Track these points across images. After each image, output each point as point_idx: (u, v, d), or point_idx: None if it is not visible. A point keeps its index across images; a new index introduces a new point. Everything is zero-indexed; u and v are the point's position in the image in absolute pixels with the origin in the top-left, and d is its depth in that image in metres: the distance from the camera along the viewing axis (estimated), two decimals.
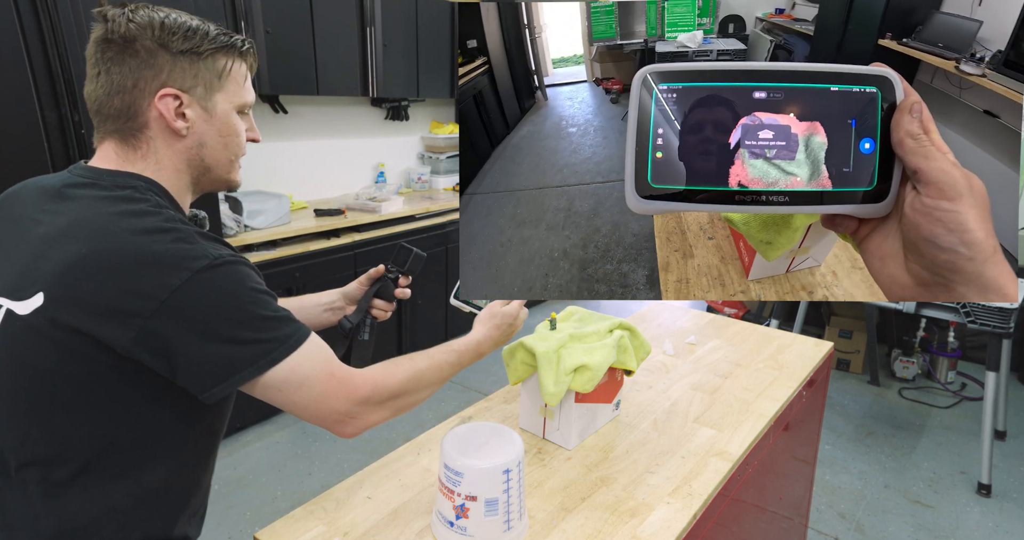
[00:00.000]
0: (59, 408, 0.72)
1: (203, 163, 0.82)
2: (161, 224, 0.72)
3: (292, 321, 0.78)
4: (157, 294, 0.68)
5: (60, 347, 0.70)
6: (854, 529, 2.22)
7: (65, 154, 1.95)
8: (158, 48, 0.75)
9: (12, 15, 1.77)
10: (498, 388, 1.35)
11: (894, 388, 3.35)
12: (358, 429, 0.81)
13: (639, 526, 0.90)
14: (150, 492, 0.79)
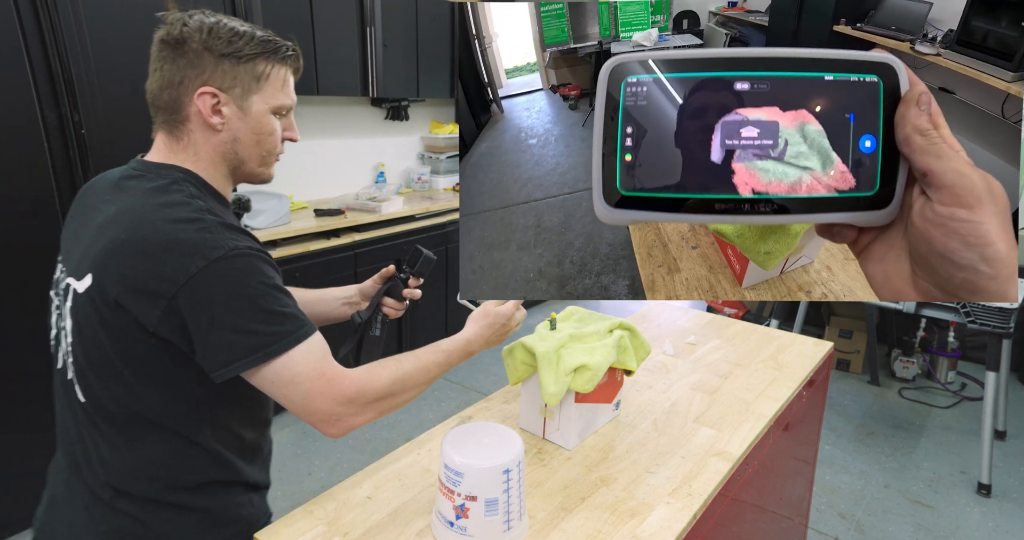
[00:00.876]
0: (114, 372, 0.81)
1: (237, 157, 0.89)
2: (189, 214, 0.79)
3: (296, 318, 0.81)
4: (177, 278, 0.75)
5: (105, 320, 0.79)
6: (854, 529, 2.22)
7: (65, 154, 1.95)
8: (204, 50, 0.82)
9: (12, 15, 1.77)
10: (498, 388, 1.35)
11: (894, 388, 3.35)
12: (342, 430, 0.84)
13: (639, 526, 0.90)
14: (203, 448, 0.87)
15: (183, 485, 0.88)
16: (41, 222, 1.92)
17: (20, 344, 1.93)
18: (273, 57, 0.86)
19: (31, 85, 1.84)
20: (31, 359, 1.97)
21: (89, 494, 0.87)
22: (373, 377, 0.86)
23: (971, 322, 2.42)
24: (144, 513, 0.87)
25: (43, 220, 1.92)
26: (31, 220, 1.90)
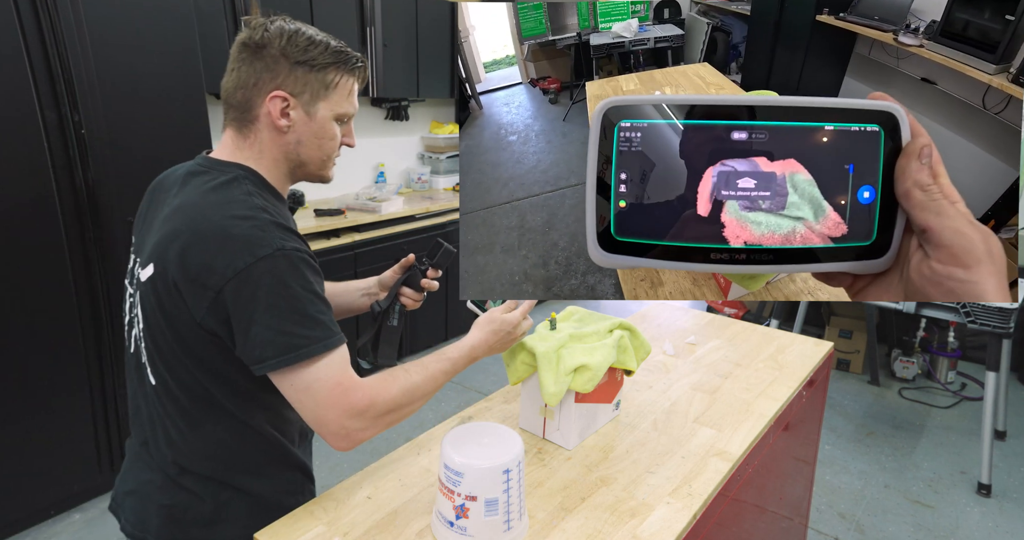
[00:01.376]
0: (175, 358, 0.87)
1: (298, 158, 0.93)
2: (244, 211, 0.83)
3: (327, 327, 0.83)
4: (226, 273, 0.79)
5: (164, 308, 0.84)
6: (854, 529, 2.22)
7: (65, 154, 1.95)
8: (281, 56, 0.87)
9: (12, 15, 1.77)
10: (498, 388, 1.35)
11: (894, 388, 3.35)
12: (351, 444, 0.85)
13: (639, 526, 0.90)
14: (257, 431, 0.93)
15: (241, 467, 0.94)
16: (41, 222, 1.92)
17: (20, 344, 1.93)
18: (343, 67, 0.91)
19: (31, 85, 1.84)
20: (31, 359, 1.97)
21: (156, 469, 0.93)
22: (384, 389, 0.86)
23: (971, 322, 2.42)
24: (204, 491, 0.93)
25: (43, 220, 1.92)
26: (31, 220, 1.90)
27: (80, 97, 1.94)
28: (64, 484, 2.14)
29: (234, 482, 0.94)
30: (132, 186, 2.12)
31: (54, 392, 2.04)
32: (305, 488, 1.04)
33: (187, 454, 0.92)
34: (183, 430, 0.91)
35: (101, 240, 2.06)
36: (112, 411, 2.21)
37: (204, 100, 2.28)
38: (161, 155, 2.18)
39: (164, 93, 2.15)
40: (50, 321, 1.99)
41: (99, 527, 2.14)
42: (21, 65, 1.81)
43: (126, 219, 2.12)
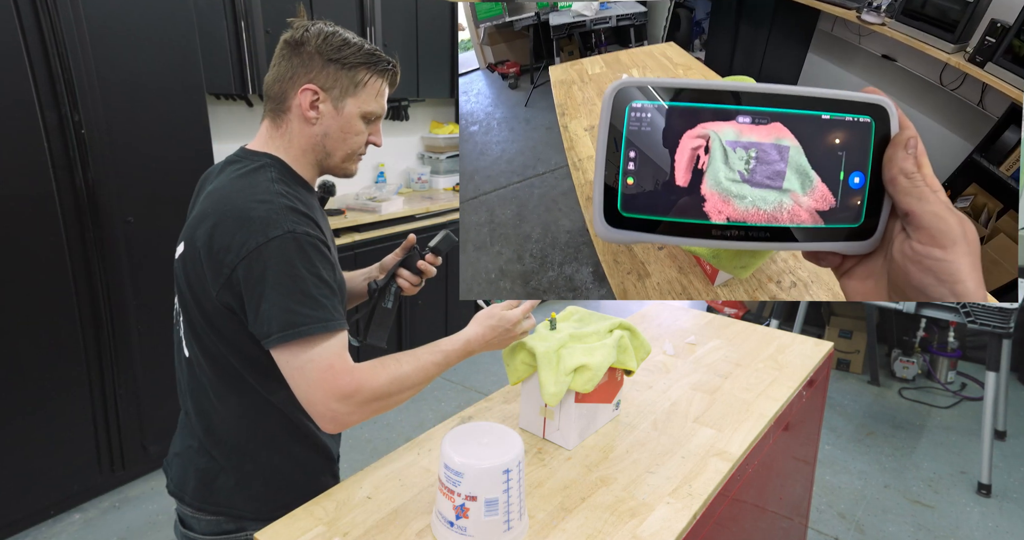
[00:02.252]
0: (203, 332, 0.93)
1: (324, 149, 0.98)
2: (264, 196, 0.88)
3: (328, 310, 0.87)
4: (240, 251, 0.84)
5: (192, 284, 0.90)
6: (854, 529, 2.22)
7: (65, 154, 1.95)
8: (316, 53, 0.93)
9: (12, 15, 1.77)
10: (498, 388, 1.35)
11: (894, 388, 3.35)
12: (337, 426, 0.88)
13: (639, 526, 0.90)
14: (277, 408, 0.97)
15: (261, 441, 0.99)
16: (41, 222, 1.92)
17: (20, 344, 1.93)
18: (373, 68, 0.97)
19: (31, 85, 1.84)
20: (31, 359, 1.97)
21: (192, 437, 1.02)
22: (372, 376, 0.88)
23: (971, 322, 2.42)
24: (228, 461, 0.99)
25: (43, 220, 1.92)
26: (31, 220, 1.90)
27: (80, 97, 1.94)
28: (64, 484, 2.14)
29: (255, 455, 0.99)
30: (132, 186, 2.12)
31: (54, 392, 2.04)
32: (325, 469, 1.07)
33: (215, 424, 0.98)
34: (212, 401, 0.97)
35: (101, 240, 2.06)
36: (112, 411, 2.21)
37: (204, 100, 2.28)
38: (161, 155, 2.18)
39: (164, 93, 2.15)
40: (50, 321, 1.99)
41: (99, 527, 2.14)
42: (21, 65, 1.81)
43: (126, 219, 2.12)
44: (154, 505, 2.27)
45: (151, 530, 2.14)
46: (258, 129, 1.01)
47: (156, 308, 2.27)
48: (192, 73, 2.22)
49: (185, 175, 2.27)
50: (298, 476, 1.03)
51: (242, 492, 1.00)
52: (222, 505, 1.00)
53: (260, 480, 1.00)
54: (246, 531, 1.02)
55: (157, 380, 2.32)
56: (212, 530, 1.02)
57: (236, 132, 2.96)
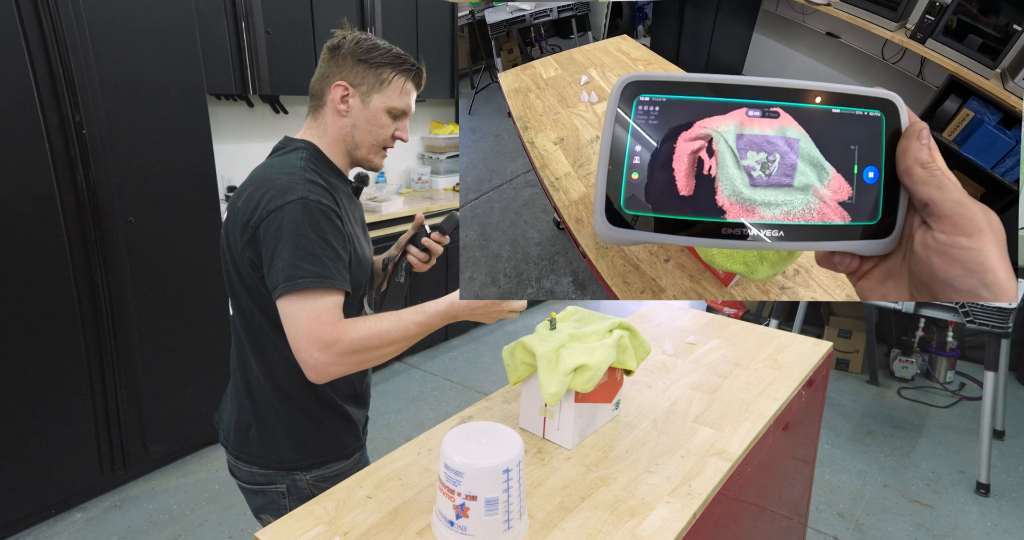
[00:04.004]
0: (238, 289, 1.06)
1: (353, 140, 1.11)
2: (290, 169, 1.01)
3: (328, 267, 0.96)
4: (262, 212, 0.97)
5: (228, 245, 1.04)
6: (853, 528, 2.22)
7: (66, 154, 1.95)
8: (348, 55, 1.07)
9: (13, 15, 1.77)
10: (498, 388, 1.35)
11: (893, 388, 3.35)
12: (320, 376, 0.96)
13: (639, 526, 0.90)
14: (295, 365, 1.04)
15: (285, 397, 1.09)
16: (42, 222, 1.92)
17: (21, 343, 1.94)
18: (398, 68, 1.08)
19: (32, 86, 1.84)
20: (33, 358, 1.97)
21: (233, 391, 1.15)
22: (352, 329, 0.96)
23: (970, 322, 2.42)
24: (256, 414, 1.11)
25: (44, 220, 1.93)
26: (33, 220, 1.90)
27: (81, 98, 1.94)
28: (65, 483, 2.14)
29: (278, 410, 1.10)
30: (133, 186, 2.12)
31: (55, 392, 2.04)
32: (344, 430, 1.16)
33: (248, 379, 1.11)
34: (246, 356, 1.10)
35: (102, 240, 2.07)
36: (113, 410, 2.21)
37: (205, 100, 2.28)
38: (162, 155, 2.19)
39: (165, 93, 2.16)
40: (51, 321, 1.99)
41: (100, 526, 2.15)
42: (22, 66, 1.81)
43: (127, 219, 2.12)
44: (155, 504, 2.27)
45: (152, 529, 2.14)
46: (258, 129, 1.12)
47: (157, 308, 2.27)
48: (193, 73, 2.22)
49: (186, 175, 2.27)
50: (318, 434, 1.12)
51: (268, 444, 1.11)
52: (254, 455, 1.12)
53: (283, 434, 1.11)
54: (275, 484, 1.13)
55: (158, 380, 2.32)
56: (249, 479, 1.15)
57: (236, 132, 2.97)
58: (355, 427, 1.19)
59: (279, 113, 3.09)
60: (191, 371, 2.43)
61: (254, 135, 3.03)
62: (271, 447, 1.11)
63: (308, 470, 1.13)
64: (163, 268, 2.25)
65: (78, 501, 2.24)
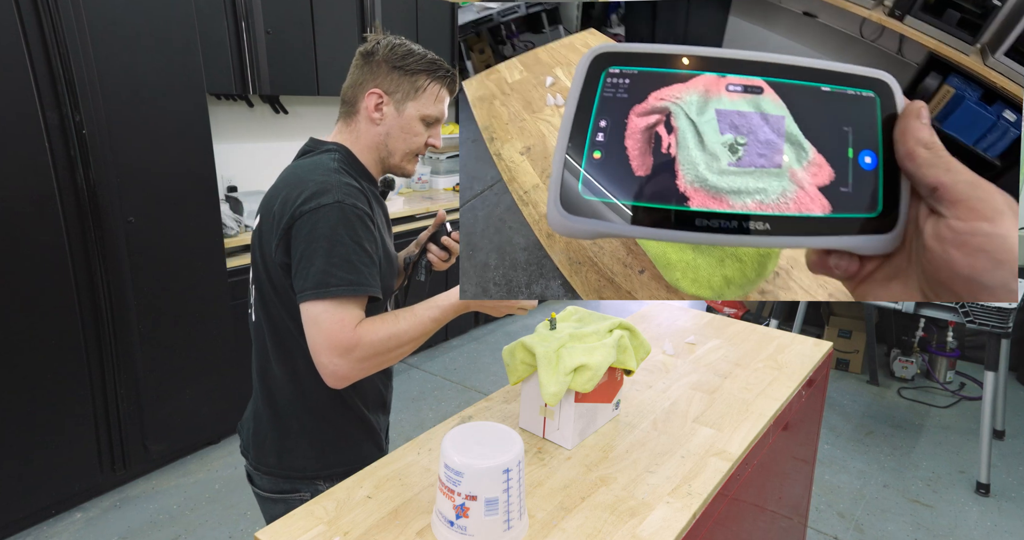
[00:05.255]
0: (265, 295, 1.05)
1: (386, 148, 1.09)
2: (324, 171, 1.00)
3: (360, 273, 0.95)
4: (295, 213, 0.95)
5: (260, 247, 1.03)
6: (853, 528, 2.22)
7: (66, 154, 1.95)
8: (383, 62, 1.05)
9: (13, 15, 1.77)
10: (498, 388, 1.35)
11: (893, 388, 3.35)
12: (338, 381, 0.95)
13: (639, 525, 0.90)
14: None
15: (306, 406, 1.08)
16: (42, 222, 1.92)
17: (21, 343, 1.94)
18: (433, 75, 1.07)
19: (32, 86, 1.84)
20: (32, 358, 1.97)
21: (255, 398, 1.13)
22: (371, 331, 0.95)
23: (970, 322, 2.42)
24: (277, 422, 1.09)
25: (44, 220, 1.93)
26: (33, 220, 1.90)
27: (81, 98, 1.94)
28: (65, 483, 2.15)
29: (300, 417, 1.08)
30: (133, 186, 2.12)
31: (55, 391, 2.04)
32: (366, 439, 1.15)
33: (270, 386, 1.09)
34: (268, 363, 1.07)
35: (102, 240, 2.07)
36: (113, 410, 2.22)
37: (205, 100, 2.28)
38: (162, 155, 2.19)
39: (165, 93, 2.16)
40: (51, 321, 1.99)
41: (100, 526, 2.15)
42: (23, 66, 1.81)
43: (127, 219, 2.12)
44: (155, 504, 2.27)
45: (152, 529, 2.14)
46: (258, 129, 1.12)
47: (157, 308, 2.27)
48: (193, 73, 2.22)
49: (186, 175, 2.27)
50: (339, 444, 1.11)
51: (289, 453, 1.09)
52: (272, 465, 1.10)
53: (305, 443, 1.09)
54: (299, 492, 1.10)
55: (158, 380, 2.32)
56: (270, 488, 1.12)
57: (236, 132, 2.97)
58: (378, 437, 1.18)
59: (279, 113, 3.09)
60: (191, 371, 2.43)
61: (254, 135, 3.03)
62: (292, 456, 1.09)
63: (329, 480, 1.10)
64: (163, 268, 2.25)
65: (78, 501, 2.24)
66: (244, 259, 2.58)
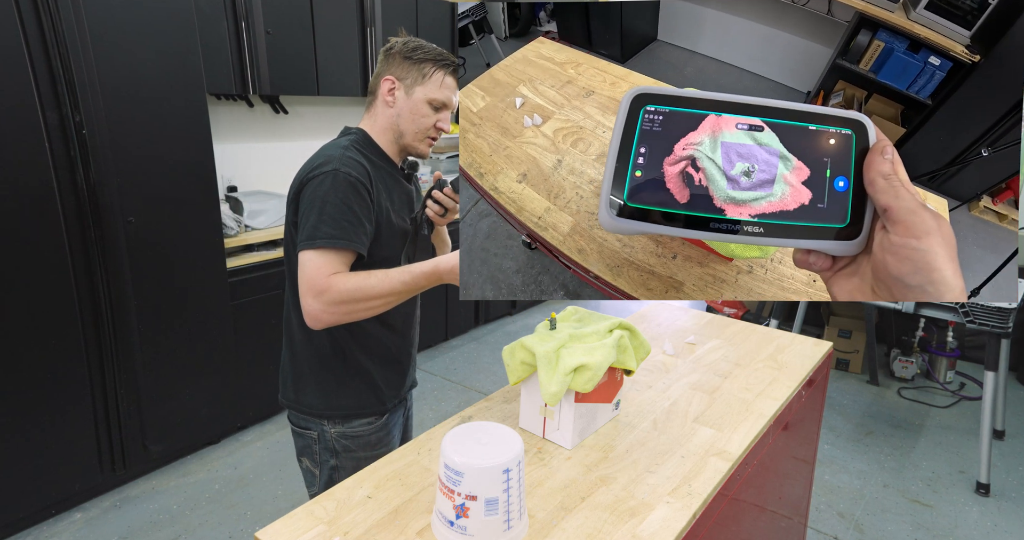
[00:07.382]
0: (289, 249, 1.21)
1: (398, 128, 1.25)
2: (334, 149, 1.18)
3: (347, 231, 1.10)
4: (303, 180, 1.14)
5: (288, 215, 1.19)
6: (853, 528, 2.22)
7: (66, 154, 1.95)
8: (397, 54, 1.23)
9: (13, 15, 1.77)
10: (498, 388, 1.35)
11: (893, 388, 3.35)
12: (314, 322, 1.10)
13: (639, 525, 0.90)
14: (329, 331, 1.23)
15: (316, 358, 1.26)
16: (42, 222, 1.92)
17: (21, 344, 1.94)
18: (438, 63, 1.23)
19: (32, 86, 1.84)
20: (32, 358, 1.97)
21: (283, 340, 1.31)
22: (342, 280, 1.09)
23: (970, 322, 2.42)
24: (294, 364, 1.28)
25: (44, 220, 1.93)
26: (33, 220, 1.90)
27: (81, 98, 1.94)
28: (65, 484, 2.15)
29: (310, 362, 1.26)
30: (133, 186, 2.12)
31: (55, 392, 2.04)
32: (363, 397, 1.29)
33: (291, 331, 1.27)
34: (290, 311, 1.26)
35: (102, 240, 2.07)
36: (113, 410, 2.22)
37: (204, 100, 2.28)
38: (162, 155, 2.19)
39: (165, 93, 2.16)
40: (51, 321, 1.99)
41: (100, 526, 2.15)
42: (22, 66, 1.81)
43: (127, 219, 2.12)
44: (155, 504, 2.27)
45: (152, 529, 2.14)
46: (258, 129, 1.20)
47: (157, 308, 2.27)
48: (192, 73, 2.22)
49: (186, 175, 2.27)
50: (340, 390, 1.26)
51: (301, 391, 1.27)
52: (292, 400, 1.29)
53: (312, 383, 1.26)
54: (310, 430, 1.28)
55: (158, 380, 2.32)
56: (294, 421, 1.31)
57: (236, 132, 2.97)
58: (380, 391, 1.30)
59: (279, 113, 3.09)
60: (191, 371, 2.43)
61: (254, 135, 3.03)
62: (303, 394, 1.27)
63: (333, 422, 1.27)
64: (163, 268, 2.25)
65: (78, 501, 2.24)
66: (244, 259, 2.58)
